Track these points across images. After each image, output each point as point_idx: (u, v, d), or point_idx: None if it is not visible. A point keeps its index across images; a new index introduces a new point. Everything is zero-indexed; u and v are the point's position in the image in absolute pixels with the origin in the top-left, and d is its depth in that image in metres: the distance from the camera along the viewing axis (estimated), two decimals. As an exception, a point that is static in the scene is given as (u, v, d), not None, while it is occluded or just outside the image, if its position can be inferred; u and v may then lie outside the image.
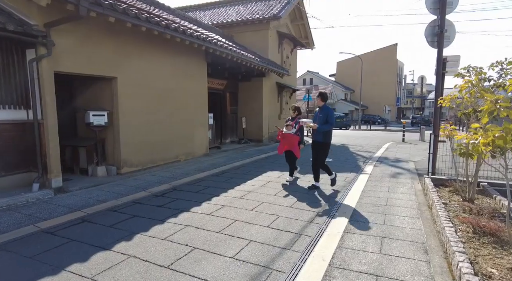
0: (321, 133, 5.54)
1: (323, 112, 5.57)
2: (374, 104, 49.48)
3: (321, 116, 5.55)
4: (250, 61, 10.24)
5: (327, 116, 5.50)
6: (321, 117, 5.55)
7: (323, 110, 5.60)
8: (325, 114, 5.52)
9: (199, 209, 4.50)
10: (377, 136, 19.26)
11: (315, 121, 5.63)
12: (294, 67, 17.87)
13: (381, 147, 12.75)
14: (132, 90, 6.80)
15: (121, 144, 6.62)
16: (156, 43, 7.25)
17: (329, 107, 5.66)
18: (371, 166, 8.21)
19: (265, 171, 7.41)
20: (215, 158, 9.16)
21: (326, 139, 5.61)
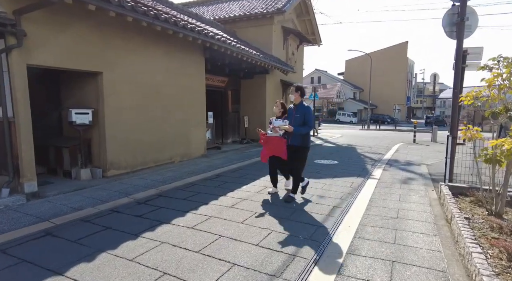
0: (299, 136, 4.69)
1: (300, 111, 4.67)
2: (384, 103, 48.42)
3: (297, 115, 4.66)
4: (251, 57, 9.67)
5: (304, 116, 4.64)
6: (297, 117, 4.66)
7: (300, 108, 4.70)
8: (302, 113, 4.65)
9: (181, 221, 3.95)
10: (386, 137, 18.51)
11: (290, 122, 4.72)
12: (300, 64, 17.24)
13: (390, 148, 12.06)
14: (120, 87, 6.30)
15: (107, 145, 6.12)
16: (147, 36, 6.73)
17: (307, 105, 4.80)
18: (380, 169, 7.57)
19: (263, 174, 6.83)
20: (212, 160, 8.62)
21: (306, 142, 4.78)
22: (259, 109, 13.14)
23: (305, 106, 4.73)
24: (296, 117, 4.68)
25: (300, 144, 4.73)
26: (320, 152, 10.74)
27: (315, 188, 5.67)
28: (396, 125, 29.99)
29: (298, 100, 4.74)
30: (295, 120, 4.68)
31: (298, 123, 4.64)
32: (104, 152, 6.13)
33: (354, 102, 48.63)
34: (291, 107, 4.88)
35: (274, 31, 13.52)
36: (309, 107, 4.78)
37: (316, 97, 18.07)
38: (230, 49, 8.50)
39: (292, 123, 4.66)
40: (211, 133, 10.67)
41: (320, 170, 7.37)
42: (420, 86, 63.51)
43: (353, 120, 42.85)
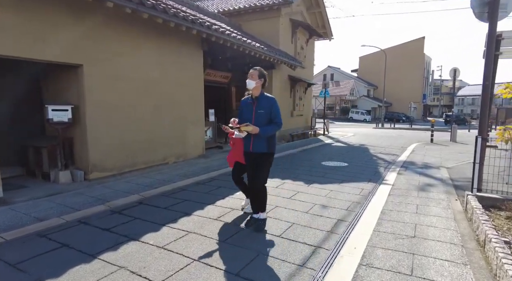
0: (263, 140, 3.45)
1: (264, 105, 3.43)
2: (399, 101, 46.88)
3: (261, 111, 3.43)
4: (253, 49, 8.97)
5: (271, 111, 3.44)
6: (261, 114, 3.43)
7: (263, 102, 3.45)
8: (267, 107, 3.43)
9: (153, 238, 3.32)
10: (401, 136, 17.51)
11: (249, 119, 3.45)
12: (310, 59, 16.44)
13: (406, 149, 11.17)
14: (104, 81, 5.72)
15: (89, 145, 5.56)
16: (135, 25, 6.14)
17: (271, 96, 3.55)
18: (394, 173, 6.77)
19: (263, 178, 6.16)
20: (210, 161, 7.99)
21: (271, 147, 3.55)
22: (265, 107, 12.41)
23: (269, 97, 3.49)
24: (258, 114, 3.42)
25: (266, 150, 3.48)
26: (329, 153, 9.97)
27: (318, 195, 4.96)
28: (411, 124, 28.74)
29: (259, 91, 3.46)
30: (257, 118, 3.42)
31: (262, 122, 3.41)
32: (86, 153, 5.57)
33: (368, 100, 47.25)
34: (247, 100, 3.56)
35: (282, 24, 12.79)
36: (274, 99, 3.51)
37: (327, 94, 17.22)
38: (230, 40, 7.84)
39: (254, 122, 3.39)
40: (212, 131, 10.06)
41: (327, 174, 6.64)
42: (437, 84, 61.38)
43: (367, 118, 41.60)
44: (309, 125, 16.68)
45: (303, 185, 5.65)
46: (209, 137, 9.97)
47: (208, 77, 10.29)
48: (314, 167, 7.38)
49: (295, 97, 14.47)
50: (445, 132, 21.08)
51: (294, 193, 5.11)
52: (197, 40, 7.87)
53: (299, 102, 15.03)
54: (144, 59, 6.52)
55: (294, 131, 14.59)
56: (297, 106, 14.67)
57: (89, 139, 5.53)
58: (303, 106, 15.57)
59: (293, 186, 5.57)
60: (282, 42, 12.86)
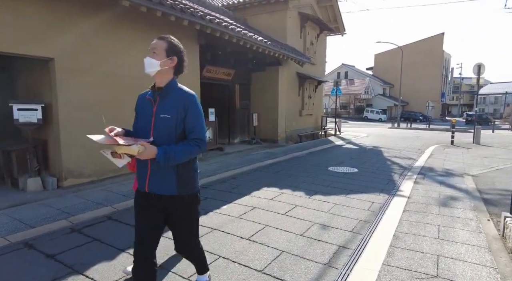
0: (171, 172, 1.87)
1: (174, 105, 1.86)
2: (416, 99, 45.20)
3: (166, 116, 1.84)
4: (255, 43, 8.24)
5: (186, 115, 1.85)
6: (166, 120, 1.84)
7: (173, 97, 1.88)
8: (179, 109, 1.85)
9: (101, 270, 2.66)
10: (419, 137, 16.41)
11: (144, 130, 1.90)
12: (321, 56, 15.57)
13: (424, 152, 10.21)
14: (79, 77, 5.12)
15: (62, 149, 4.97)
16: (116, 16, 5.52)
17: (190, 92, 1.92)
18: (411, 182, 5.93)
19: (258, 187, 5.44)
20: (206, 165, 7.32)
21: (189, 185, 1.97)
22: (271, 106, 11.70)
23: (185, 93, 1.90)
24: (161, 121, 1.85)
25: (175, 192, 1.89)
26: (338, 156, 9.15)
27: (319, 211, 4.20)
28: (429, 124, 27.32)
29: (167, 79, 1.92)
30: (158, 129, 1.85)
31: (167, 136, 1.84)
32: (59, 157, 4.99)
33: (384, 99, 45.72)
34: (144, 95, 2.00)
35: (289, 17, 12.00)
36: (194, 96, 1.91)
37: (339, 92, 16.31)
38: (227, 33, 7.13)
39: (153, 135, 1.84)
40: (212, 132, 9.40)
41: (333, 182, 5.85)
42: (457, 82, 58.98)
43: (382, 118, 40.20)
44: (320, 125, 15.83)
45: (303, 196, 4.90)
46: (209, 138, 9.32)
47: (209, 74, 9.63)
48: (319, 174, 6.60)
49: (304, 95, 13.65)
50: (467, 132, 19.80)
51: (291, 207, 4.36)
52: (191, 33, 7.21)
53: (308, 101, 14.20)
54: (128, 54, 5.89)
55: (303, 131, 13.79)
56: (306, 105, 13.85)
57: (62, 142, 4.95)
58: (313, 105, 14.74)
59: (292, 198, 4.83)
60: (290, 37, 12.07)
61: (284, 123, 12.16)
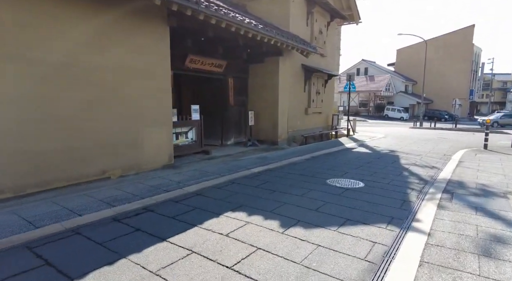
0: None
1: None
2: (441, 97, 42.30)
3: None
4: (241, 26, 6.77)
5: None
6: None
7: None
8: None
9: None
10: (444, 138, 14.46)
11: None
12: (333, 47, 13.92)
13: (450, 159, 8.47)
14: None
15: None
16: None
17: None
18: (433, 205, 4.36)
19: (220, 210, 4.05)
20: (175, 174, 6.00)
21: None
22: (270, 102, 10.24)
23: None
24: None
25: None
26: (343, 163, 7.60)
27: (289, 261, 2.76)
28: (456, 123, 24.91)
29: None
30: None
31: None
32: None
33: (406, 96, 43.05)
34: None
35: (293, 1, 10.46)
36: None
37: (352, 88, 14.61)
38: (202, 11, 5.73)
39: None
40: (195, 133, 8.08)
41: (326, 204, 4.38)
42: (488, 78, 54.97)
43: (404, 116, 37.74)
44: (330, 125, 14.20)
45: (275, 230, 3.46)
46: (191, 140, 8.01)
47: (194, 65, 8.31)
48: (312, 189, 5.13)
49: (311, 91, 12.08)
50: (501, 134, 17.58)
51: (249, 252, 2.94)
52: (159, 12, 5.88)
53: (317, 97, 12.62)
54: (69, 37, 4.64)
55: (310, 131, 12.25)
56: (313, 102, 12.28)
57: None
58: (322, 102, 13.14)
59: (258, 232, 3.40)
60: (294, 24, 10.55)
61: (286, 122, 10.68)
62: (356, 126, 17.11)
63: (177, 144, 7.57)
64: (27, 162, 4.34)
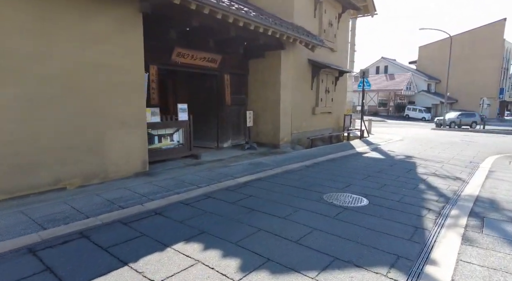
0: None
1: None
2: (467, 96, 39.81)
3: None
4: (229, 12, 5.84)
5: None
6: None
7: None
8: None
9: None
10: (470, 142, 13.00)
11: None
12: (344, 41, 12.76)
13: (478, 167, 7.22)
14: None
15: None
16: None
17: None
18: (455, 235, 3.29)
19: (170, 240, 3.15)
20: (146, 183, 5.15)
21: None
22: (271, 102, 9.28)
23: None
24: None
25: None
26: (350, 172, 6.54)
27: None
28: (484, 124, 22.99)
29: None
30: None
31: None
32: None
33: (428, 95, 40.80)
34: None
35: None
36: None
37: (367, 86, 13.39)
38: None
39: None
40: (182, 134, 7.24)
41: (312, 233, 3.39)
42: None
43: (426, 117, 35.73)
44: (341, 126, 13.06)
45: (229, 276, 2.51)
46: (178, 143, 7.17)
47: (182, 59, 7.47)
48: (301, 209, 4.15)
49: (319, 88, 11.00)
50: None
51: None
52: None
53: (326, 95, 11.52)
54: (7, 23, 3.88)
55: (318, 133, 11.19)
56: (321, 101, 11.20)
57: None
58: (332, 101, 12.02)
59: (204, 278, 2.47)
60: (299, 15, 9.52)
61: (289, 123, 9.68)
62: (371, 127, 15.85)
63: (159, 148, 6.75)
64: None
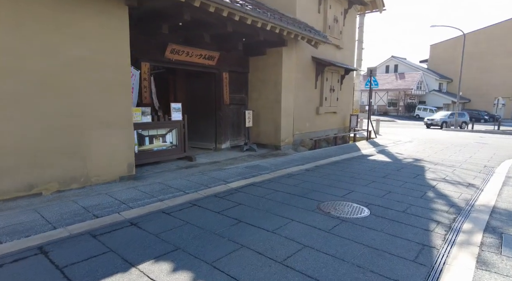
0: None
1: None
2: (481, 96, 38.64)
3: None
4: (218, 4, 5.42)
5: None
6: None
7: None
8: None
9: None
10: (484, 144, 12.34)
11: None
12: (351, 38, 12.24)
13: (493, 173, 6.68)
14: None
15: None
16: None
17: None
18: (468, 258, 2.83)
19: (142, 258, 2.77)
20: (129, 189, 4.79)
21: None
22: (272, 101, 8.87)
23: None
24: None
25: None
26: (353, 176, 6.08)
27: None
28: (498, 125, 22.09)
29: None
30: None
31: None
32: None
33: (439, 95, 39.74)
34: None
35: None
36: None
37: (374, 84, 12.85)
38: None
39: None
40: (176, 135, 6.88)
41: (302, 249, 2.97)
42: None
43: (437, 117, 34.71)
44: (347, 126, 12.55)
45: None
46: (171, 144, 6.82)
47: (177, 56, 7.10)
48: (293, 221, 3.73)
49: (323, 87, 10.53)
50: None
51: None
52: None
53: (331, 94, 11.03)
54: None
55: (322, 134, 10.73)
56: (326, 100, 10.72)
57: None
58: (337, 101, 11.53)
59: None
60: (302, 10, 9.09)
61: (291, 123, 9.24)
62: (380, 128, 15.29)
63: (150, 149, 6.41)
64: None
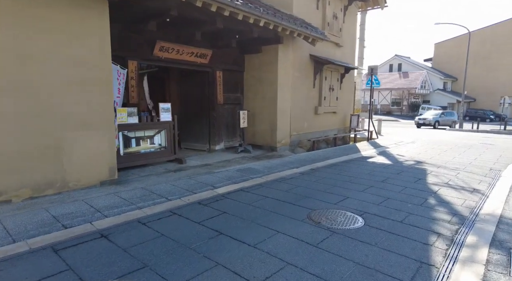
0: None
1: None
2: (486, 95, 38.00)
3: None
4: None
5: None
6: None
7: None
8: None
9: None
10: (489, 145, 11.90)
11: None
12: (351, 35, 11.85)
13: (499, 176, 6.30)
14: None
15: None
16: None
17: None
18: (472, 277, 2.48)
19: (104, 278, 2.47)
20: (108, 195, 4.49)
21: None
22: (268, 100, 8.54)
23: None
24: None
25: None
26: (350, 181, 5.74)
27: None
28: (505, 124, 21.54)
29: None
30: None
31: None
32: None
33: (444, 94, 39.16)
34: None
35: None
36: None
37: (376, 83, 12.47)
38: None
39: None
40: (165, 137, 6.58)
41: (285, 268, 2.65)
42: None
43: (441, 116, 34.18)
44: (348, 127, 12.19)
45: None
46: (160, 146, 6.52)
47: (167, 54, 6.80)
48: (279, 232, 3.40)
49: (322, 86, 10.18)
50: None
51: None
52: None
53: (330, 94, 10.67)
54: None
55: (321, 134, 10.39)
56: (325, 99, 10.36)
57: None
58: (337, 100, 11.16)
59: None
60: (299, 6, 8.74)
61: (288, 124, 8.91)
62: (382, 128, 14.90)
63: (136, 152, 6.12)
64: None
